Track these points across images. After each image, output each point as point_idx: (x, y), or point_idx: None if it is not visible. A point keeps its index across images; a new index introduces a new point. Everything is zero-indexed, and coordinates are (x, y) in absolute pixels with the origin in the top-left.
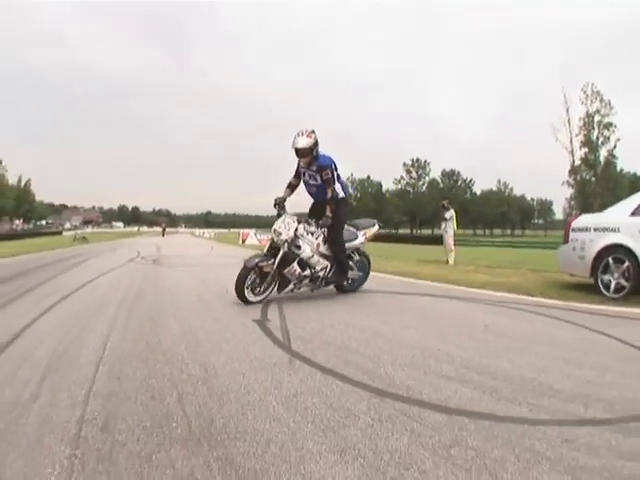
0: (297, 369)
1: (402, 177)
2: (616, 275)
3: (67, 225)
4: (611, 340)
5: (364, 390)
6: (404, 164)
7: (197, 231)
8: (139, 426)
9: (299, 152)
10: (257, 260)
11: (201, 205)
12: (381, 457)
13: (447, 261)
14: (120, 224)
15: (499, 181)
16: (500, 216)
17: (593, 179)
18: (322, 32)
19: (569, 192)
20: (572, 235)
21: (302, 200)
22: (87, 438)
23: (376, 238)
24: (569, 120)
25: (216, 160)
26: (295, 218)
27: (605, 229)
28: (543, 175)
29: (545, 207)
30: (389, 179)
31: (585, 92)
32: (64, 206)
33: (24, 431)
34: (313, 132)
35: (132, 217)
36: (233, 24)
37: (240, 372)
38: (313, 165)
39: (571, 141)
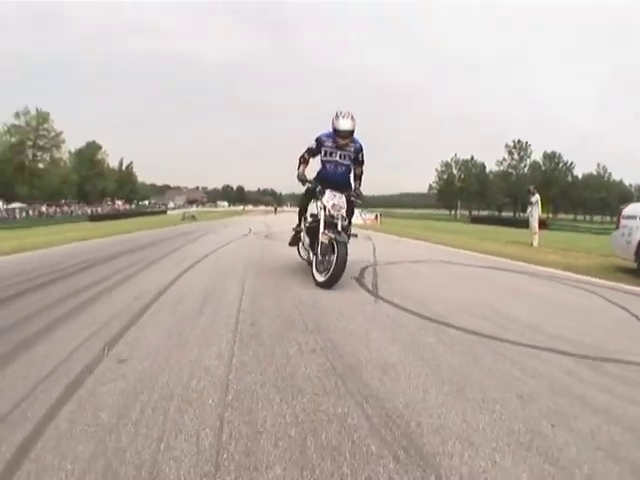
0: (379, 305)
1: (504, 159)
2: None
3: (170, 204)
4: (622, 311)
5: (417, 317)
6: (506, 145)
7: None
8: (274, 324)
9: (343, 133)
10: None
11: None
12: (415, 344)
13: (531, 243)
14: (225, 203)
15: (598, 165)
16: (600, 202)
17: None
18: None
19: None
20: (622, 222)
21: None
22: (242, 329)
23: (480, 220)
24: None
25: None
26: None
27: None
28: None
29: None
30: (492, 160)
31: None
32: (167, 186)
33: (199, 326)
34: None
35: (237, 197)
36: (331, 4)
37: (340, 304)
38: (350, 146)
39: None
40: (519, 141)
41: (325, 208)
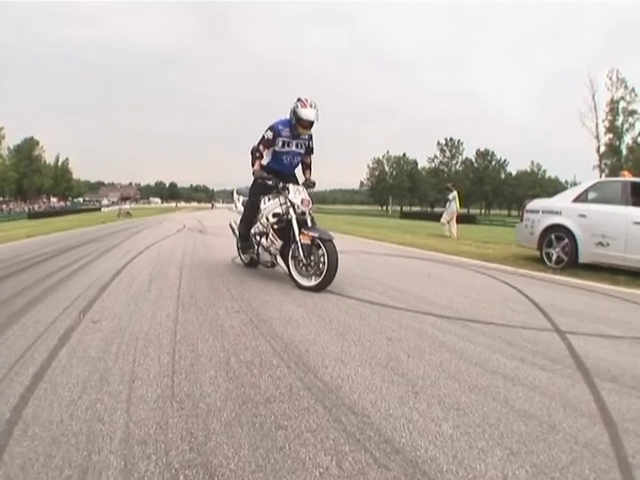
0: (294, 283)
1: (436, 156)
2: (557, 249)
3: (104, 202)
4: (512, 289)
5: (324, 292)
6: (438, 143)
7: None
8: (207, 296)
9: (306, 123)
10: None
11: (237, 181)
12: (317, 308)
13: (449, 235)
14: (157, 200)
15: (532, 162)
16: (533, 198)
17: (625, 165)
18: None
19: (602, 176)
20: (526, 215)
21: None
22: (183, 300)
23: (410, 216)
24: (595, 106)
25: (253, 137)
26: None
27: (550, 212)
28: (578, 158)
29: None
30: (424, 157)
31: (610, 78)
32: (101, 183)
33: (150, 298)
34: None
35: (169, 193)
36: None
37: (261, 283)
38: (305, 134)
39: (597, 126)
40: (451, 139)
41: (294, 205)
